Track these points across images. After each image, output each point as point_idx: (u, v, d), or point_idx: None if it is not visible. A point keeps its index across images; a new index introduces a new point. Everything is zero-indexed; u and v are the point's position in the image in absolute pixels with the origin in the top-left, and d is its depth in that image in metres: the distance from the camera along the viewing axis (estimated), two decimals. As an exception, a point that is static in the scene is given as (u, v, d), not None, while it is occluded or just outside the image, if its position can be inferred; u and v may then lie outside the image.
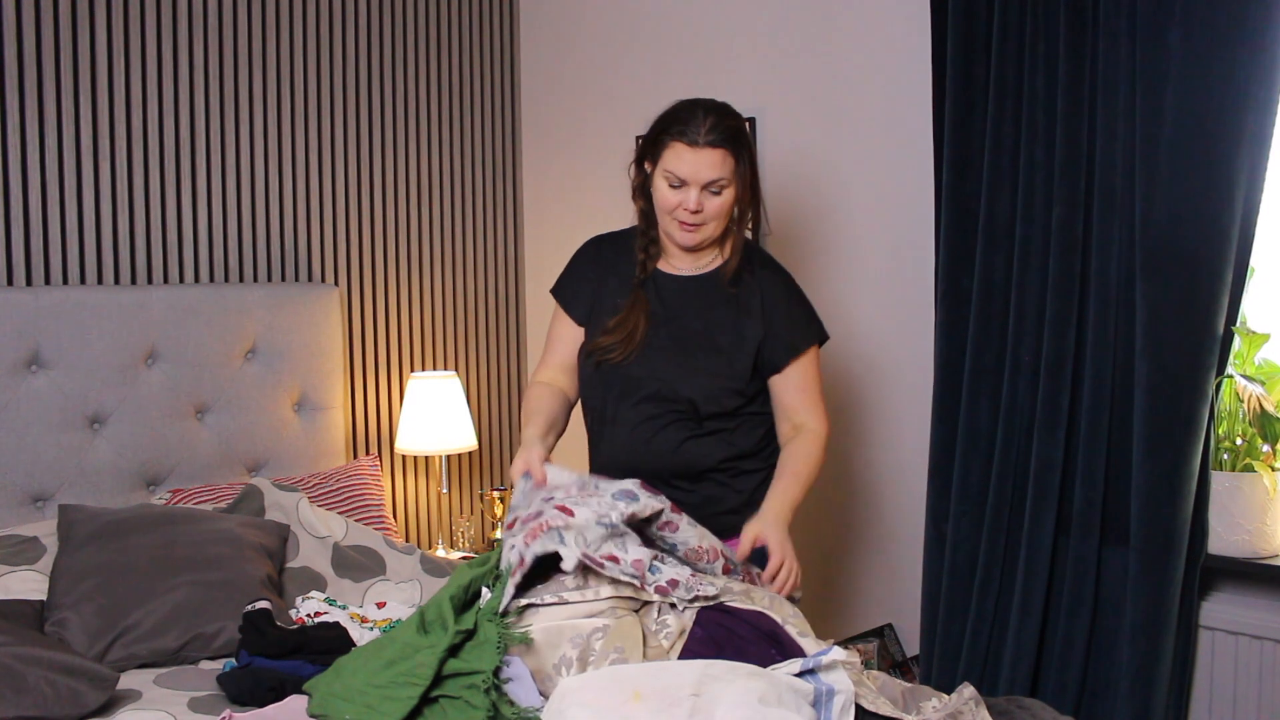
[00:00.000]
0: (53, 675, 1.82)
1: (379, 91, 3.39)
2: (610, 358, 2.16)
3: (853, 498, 2.95)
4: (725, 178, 2.08)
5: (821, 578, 3.03)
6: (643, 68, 3.34)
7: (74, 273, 2.80)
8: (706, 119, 2.07)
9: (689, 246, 2.16)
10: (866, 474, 2.92)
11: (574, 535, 1.77)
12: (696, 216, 2.09)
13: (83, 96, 2.80)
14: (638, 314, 2.17)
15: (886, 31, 2.79)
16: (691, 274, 2.22)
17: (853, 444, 2.94)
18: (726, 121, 2.08)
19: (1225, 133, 2.16)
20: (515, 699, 1.63)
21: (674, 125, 2.08)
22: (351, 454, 3.31)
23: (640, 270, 2.21)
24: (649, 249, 2.21)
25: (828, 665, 1.58)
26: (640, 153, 2.18)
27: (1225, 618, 2.30)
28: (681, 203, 2.09)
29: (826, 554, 3.01)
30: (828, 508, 3.00)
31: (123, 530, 2.36)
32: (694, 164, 2.05)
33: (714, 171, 2.06)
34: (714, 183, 2.07)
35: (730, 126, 2.08)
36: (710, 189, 2.08)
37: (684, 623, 1.75)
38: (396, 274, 3.45)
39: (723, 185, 2.08)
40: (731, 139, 2.07)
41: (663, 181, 2.11)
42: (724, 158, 2.06)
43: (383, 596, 2.49)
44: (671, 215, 2.12)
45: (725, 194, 2.10)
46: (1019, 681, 2.41)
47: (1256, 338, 2.27)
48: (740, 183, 2.11)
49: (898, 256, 2.81)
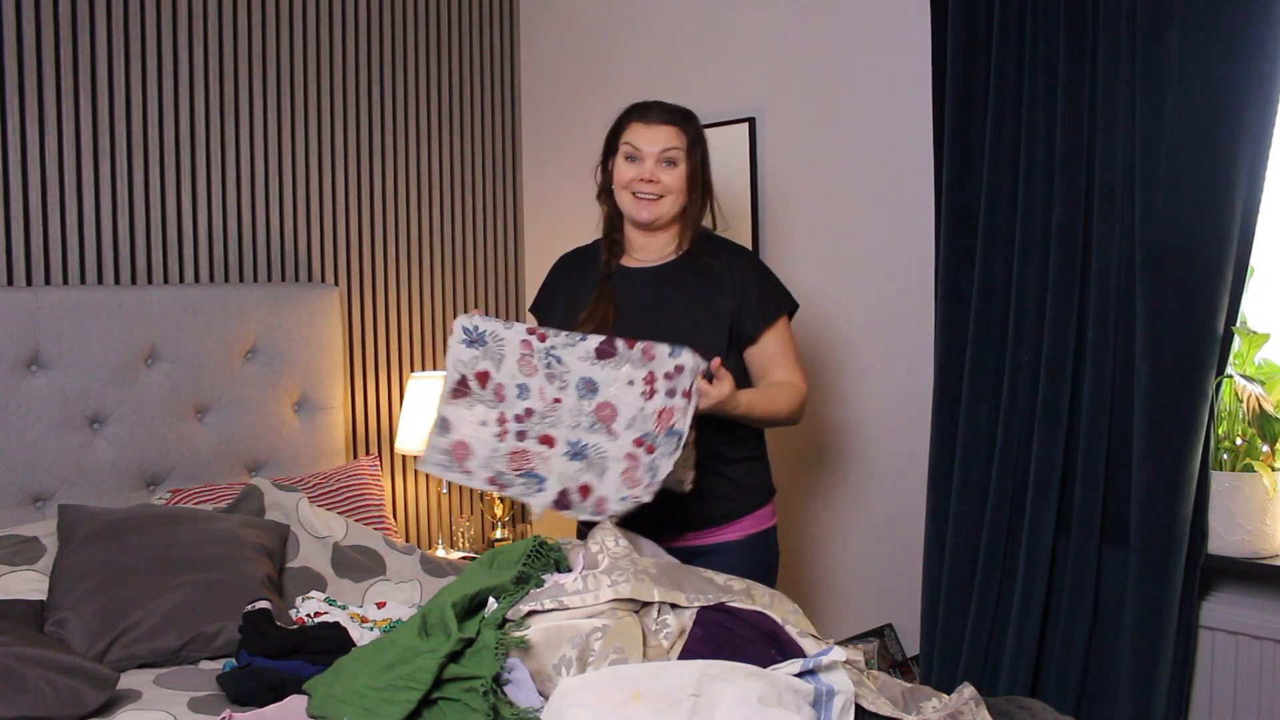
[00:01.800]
0: (53, 675, 1.82)
1: (379, 92, 3.39)
2: None
3: (853, 498, 2.95)
4: (679, 148, 2.26)
5: (822, 578, 3.03)
6: (643, 68, 3.34)
7: (74, 273, 2.80)
8: (661, 104, 2.30)
9: (647, 220, 2.28)
10: (866, 474, 2.92)
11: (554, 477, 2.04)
12: (653, 187, 2.26)
13: (83, 96, 2.80)
14: (605, 304, 2.30)
15: (886, 31, 2.79)
16: (656, 264, 2.34)
17: (853, 444, 2.94)
18: (680, 109, 2.31)
19: (1225, 133, 2.16)
20: (515, 700, 1.63)
21: (633, 111, 2.31)
22: (351, 454, 3.32)
23: (605, 268, 2.35)
24: (612, 249, 2.37)
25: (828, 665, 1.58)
26: (604, 150, 2.35)
27: (1225, 618, 2.30)
28: (639, 174, 2.26)
29: (826, 554, 3.02)
30: (828, 508, 3.00)
31: (123, 530, 2.36)
32: (650, 136, 2.26)
33: (668, 141, 2.25)
34: (668, 151, 2.25)
35: (682, 110, 2.30)
36: (665, 159, 2.25)
37: (684, 623, 1.76)
38: (396, 274, 3.45)
39: (676, 157, 2.26)
40: (684, 118, 2.29)
41: (622, 160, 2.29)
42: (677, 133, 2.27)
43: (383, 596, 2.49)
44: (629, 189, 2.28)
45: (679, 168, 2.27)
46: (1019, 681, 2.41)
47: (1256, 338, 2.27)
48: (692, 164, 2.28)
49: (898, 256, 2.81)
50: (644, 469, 2.04)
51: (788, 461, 3.01)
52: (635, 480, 2.03)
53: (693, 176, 2.28)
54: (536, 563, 1.91)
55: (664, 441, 2.03)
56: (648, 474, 2.02)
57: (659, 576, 1.81)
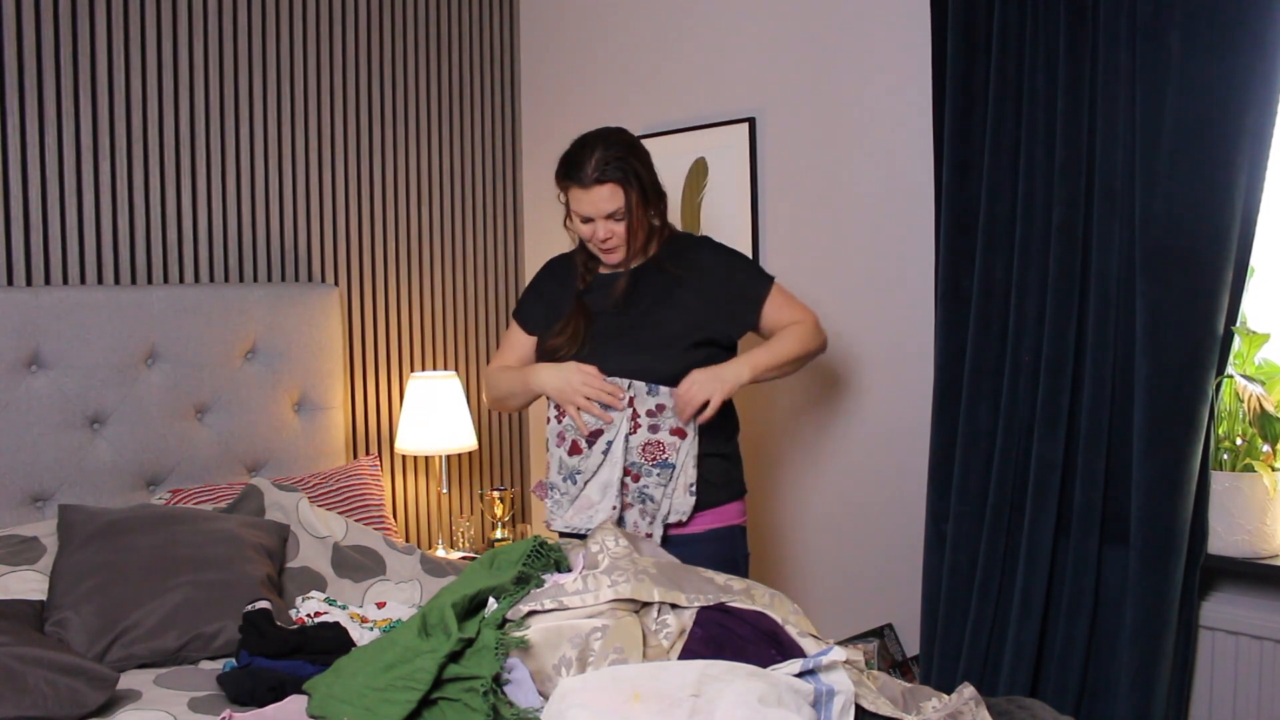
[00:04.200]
0: (53, 675, 1.82)
1: (379, 91, 3.39)
2: (560, 356, 2.39)
3: (853, 498, 2.95)
4: (618, 209, 2.32)
5: (822, 578, 3.03)
6: (643, 68, 3.34)
7: (74, 272, 2.80)
8: (592, 157, 2.30)
9: (614, 264, 2.40)
10: (866, 474, 2.92)
11: None
12: (608, 243, 2.36)
13: (83, 96, 2.80)
14: (579, 319, 2.41)
15: (886, 31, 2.79)
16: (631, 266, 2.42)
17: (853, 444, 2.94)
18: (611, 154, 2.31)
19: (1225, 133, 2.16)
20: (514, 700, 1.63)
21: (570, 170, 2.34)
22: (351, 454, 3.31)
23: (581, 281, 2.46)
24: (588, 262, 2.47)
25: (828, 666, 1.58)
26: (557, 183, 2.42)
27: (1225, 618, 2.30)
28: (593, 234, 2.35)
29: (827, 554, 3.01)
30: (828, 508, 3.00)
31: (123, 530, 2.36)
32: (590, 202, 2.31)
33: (608, 204, 2.31)
34: (611, 213, 2.32)
35: (614, 158, 2.30)
36: (611, 218, 2.33)
37: (684, 623, 1.76)
38: (396, 274, 3.45)
39: (618, 212, 2.32)
40: (617, 170, 2.30)
41: (575, 217, 2.37)
42: (613, 191, 2.30)
43: (383, 596, 2.49)
44: (590, 244, 2.39)
45: (625, 219, 2.33)
46: (1019, 681, 2.41)
47: (1256, 338, 2.27)
48: (638, 202, 2.33)
49: (898, 256, 2.81)
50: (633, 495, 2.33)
51: (788, 461, 3.01)
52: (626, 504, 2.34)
53: (642, 205, 2.34)
54: (536, 563, 1.91)
55: (650, 471, 2.31)
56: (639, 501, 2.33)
57: (659, 576, 1.82)
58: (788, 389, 3.01)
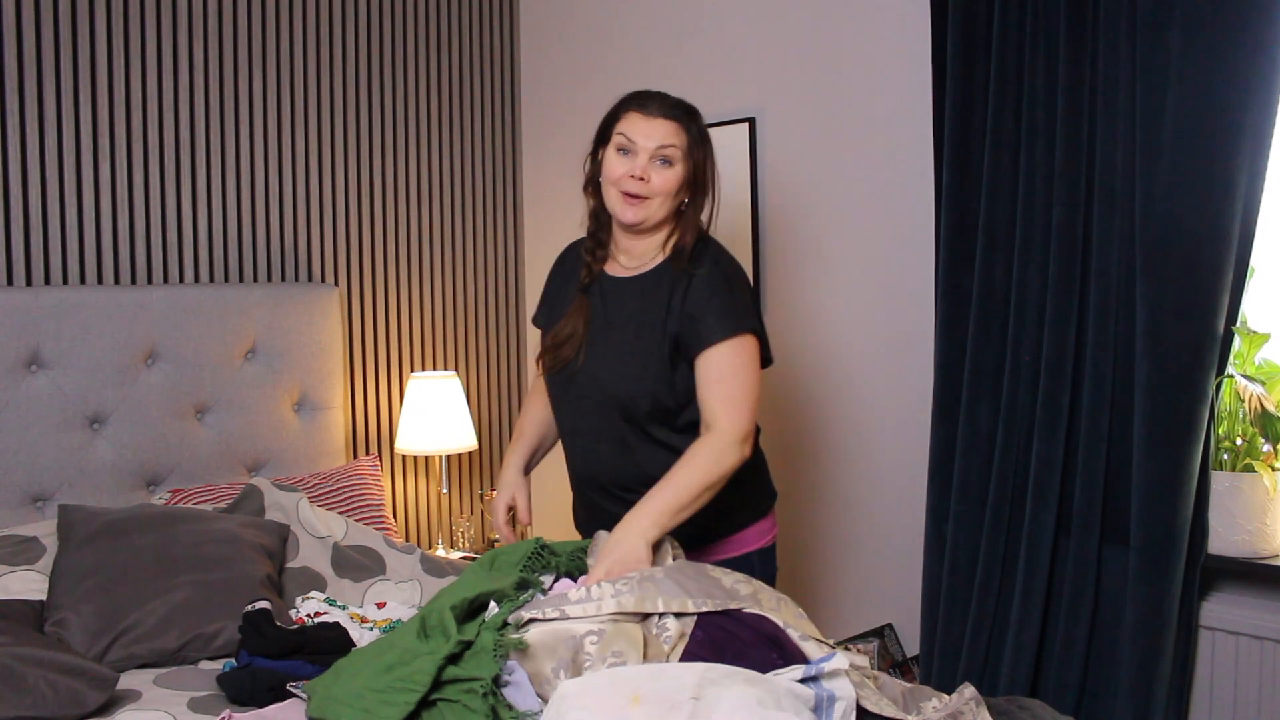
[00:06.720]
0: (53, 675, 1.82)
1: (379, 92, 3.39)
2: (552, 364, 2.19)
3: (853, 498, 2.95)
4: (676, 147, 2.07)
5: (822, 577, 3.03)
6: (643, 68, 3.34)
7: (74, 273, 2.80)
8: (663, 97, 2.11)
9: (631, 222, 2.09)
10: (866, 474, 2.92)
11: None
12: (642, 186, 2.06)
13: (83, 96, 2.80)
14: (577, 320, 2.17)
15: (886, 31, 2.79)
16: (634, 274, 2.16)
17: (853, 444, 2.94)
18: (683, 104, 2.12)
19: (1225, 133, 2.15)
20: (514, 702, 1.63)
21: (638, 98, 2.12)
22: (351, 454, 3.31)
23: (585, 274, 2.20)
24: (595, 252, 2.20)
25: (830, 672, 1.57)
26: (595, 138, 2.18)
27: (1225, 618, 2.30)
28: (629, 170, 2.07)
29: (827, 554, 3.01)
30: (829, 508, 3.00)
31: (123, 530, 2.36)
32: (646, 129, 2.07)
33: (665, 137, 2.06)
34: (663, 149, 2.06)
35: (686, 107, 2.12)
36: (659, 157, 2.06)
37: (684, 626, 1.75)
38: (396, 274, 3.45)
39: (672, 156, 2.07)
40: (686, 115, 2.10)
41: (614, 151, 2.10)
42: (676, 130, 2.08)
43: (383, 596, 2.49)
44: (617, 185, 2.09)
45: (673, 169, 2.08)
46: (1019, 681, 2.41)
47: (1256, 338, 2.27)
48: (690, 166, 2.09)
49: (898, 256, 2.81)
50: None
51: (788, 462, 3.00)
52: None
53: (690, 179, 2.09)
54: (537, 564, 1.90)
55: None
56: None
57: (664, 582, 1.78)
58: (788, 389, 3.01)
